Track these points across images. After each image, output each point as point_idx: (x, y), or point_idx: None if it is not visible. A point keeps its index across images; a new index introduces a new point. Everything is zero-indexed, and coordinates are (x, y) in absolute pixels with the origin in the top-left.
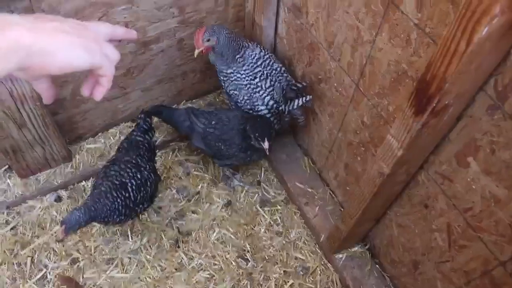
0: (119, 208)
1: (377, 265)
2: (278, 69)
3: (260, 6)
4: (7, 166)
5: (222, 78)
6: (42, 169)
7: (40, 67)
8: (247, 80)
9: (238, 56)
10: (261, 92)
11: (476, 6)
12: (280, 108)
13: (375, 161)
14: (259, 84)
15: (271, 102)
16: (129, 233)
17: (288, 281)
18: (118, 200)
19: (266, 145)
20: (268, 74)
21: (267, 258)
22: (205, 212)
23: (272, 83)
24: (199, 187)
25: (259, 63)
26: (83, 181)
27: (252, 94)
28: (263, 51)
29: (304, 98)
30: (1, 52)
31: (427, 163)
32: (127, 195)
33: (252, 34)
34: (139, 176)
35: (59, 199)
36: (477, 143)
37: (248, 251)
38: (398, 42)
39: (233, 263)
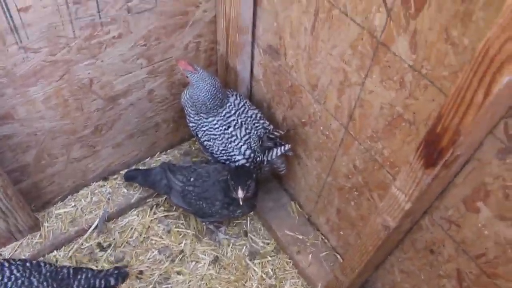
0: None
1: None
2: (254, 116)
3: (233, 49)
4: None
5: (191, 125)
6: (6, 243)
7: None
8: (220, 130)
9: (211, 115)
10: (236, 142)
11: (495, 55)
12: (259, 158)
13: (378, 213)
14: (233, 133)
15: (248, 152)
16: None
17: None
18: None
19: (240, 193)
20: (243, 122)
21: None
22: (192, 272)
23: (247, 131)
24: (182, 244)
25: (233, 112)
26: (55, 251)
27: (227, 144)
28: (238, 99)
29: (283, 148)
30: None
31: (430, 207)
32: None
33: (226, 78)
34: None
35: None
36: (487, 188)
37: None
38: (391, 84)
39: None
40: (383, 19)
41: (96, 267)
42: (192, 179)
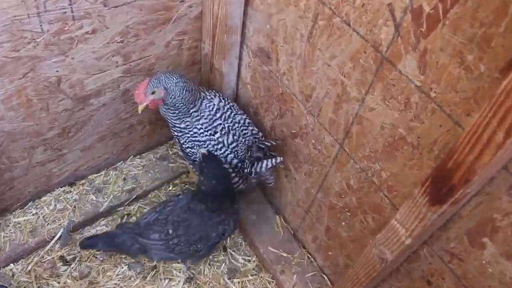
0: None
1: None
2: (242, 121)
3: (220, 49)
4: None
5: (176, 133)
6: None
7: None
8: (205, 135)
9: (193, 110)
10: (223, 150)
11: None
12: (246, 170)
13: (375, 244)
14: (220, 140)
15: (235, 161)
16: None
17: None
18: None
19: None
20: (230, 127)
21: None
22: None
23: (235, 137)
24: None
25: (218, 115)
26: (11, 264)
27: (212, 152)
28: (222, 101)
29: (274, 160)
30: None
31: (431, 238)
32: None
33: (210, 78)
34: None
35: None
36: (495, 224)
37: None
38: (395, 104)
39: None
40: (390, 34)
41: (58, 283)
42: (171, 231)
